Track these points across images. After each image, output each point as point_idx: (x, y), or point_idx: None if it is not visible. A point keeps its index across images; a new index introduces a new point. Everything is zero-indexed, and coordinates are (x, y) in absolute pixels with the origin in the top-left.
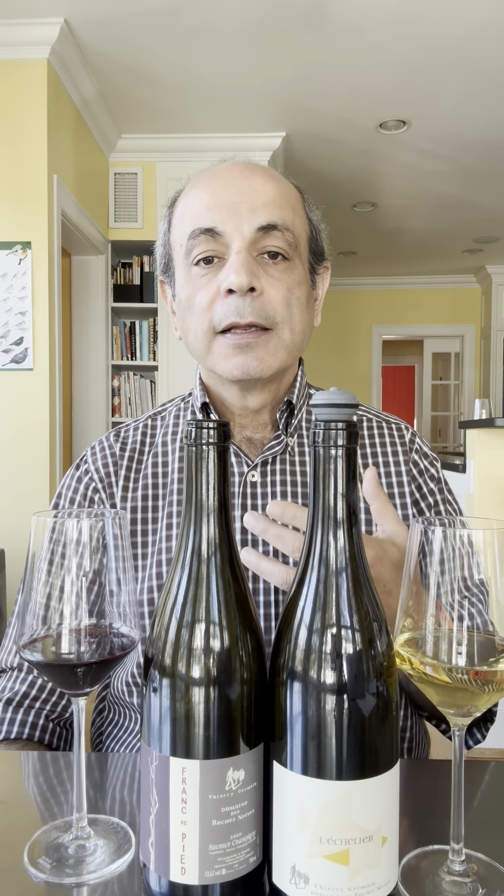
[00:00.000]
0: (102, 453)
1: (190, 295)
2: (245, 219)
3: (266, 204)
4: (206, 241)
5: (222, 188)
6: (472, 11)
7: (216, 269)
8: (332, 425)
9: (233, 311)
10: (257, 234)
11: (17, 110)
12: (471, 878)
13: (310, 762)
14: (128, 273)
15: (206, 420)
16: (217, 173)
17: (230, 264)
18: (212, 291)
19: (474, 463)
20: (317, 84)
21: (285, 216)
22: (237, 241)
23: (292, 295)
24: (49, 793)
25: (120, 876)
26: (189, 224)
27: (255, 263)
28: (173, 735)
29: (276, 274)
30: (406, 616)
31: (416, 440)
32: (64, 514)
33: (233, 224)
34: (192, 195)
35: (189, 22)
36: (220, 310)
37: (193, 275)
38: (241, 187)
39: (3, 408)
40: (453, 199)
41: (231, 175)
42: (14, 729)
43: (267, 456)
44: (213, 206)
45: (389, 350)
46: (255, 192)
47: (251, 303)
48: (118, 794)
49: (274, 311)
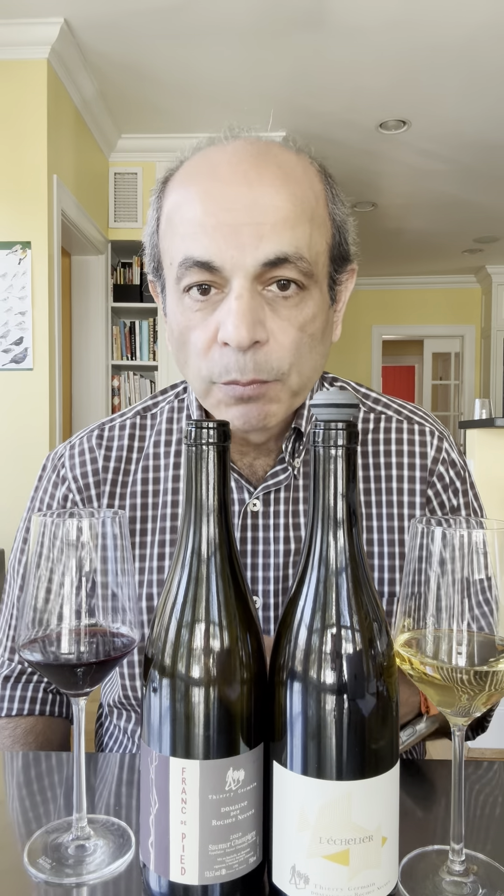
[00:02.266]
0: (82, 458)
1: (183, 330)
2: (248, 250)
3: (276, 227)
4: (199, 273)
5: (220, 202)
6: (473, 11)
7: (213, 304)
8: (332, 425)
9: (233, 366)
10: (263, 269)
11: (17, 110)
12: (471, 878)
13: (310, 762)
14: (128, 273)
15: (206, 420)
16: (216, 172)
17: (228, 311)
18: (208, 333)
19: (474, 463)
20: (317, 84)
21: (299, 240)
22: (238, 278)
23: (304, 335)
24: (49, 793)
25: (120, 876)
26: (180, 246)
27: (261, 303)
28: (173, 735)
29: (286, 313)
30: (406, 616)
31: (444, 446)
32: (64, 514)
33: (232, 257)
34: (183, 199)
35: (189, 21)
36: (218, 361)
37: (186, 306)
38: (246, 203)
39: (3, 408)
40: (453, 199)
41: (233, 180)
42: (15, 706)
43: (270, 487)
44: (209, 228)
45: (389, 350)
46: (262, 210)
47: (253, 357)
48: (118, 794)
49: (281, 361)
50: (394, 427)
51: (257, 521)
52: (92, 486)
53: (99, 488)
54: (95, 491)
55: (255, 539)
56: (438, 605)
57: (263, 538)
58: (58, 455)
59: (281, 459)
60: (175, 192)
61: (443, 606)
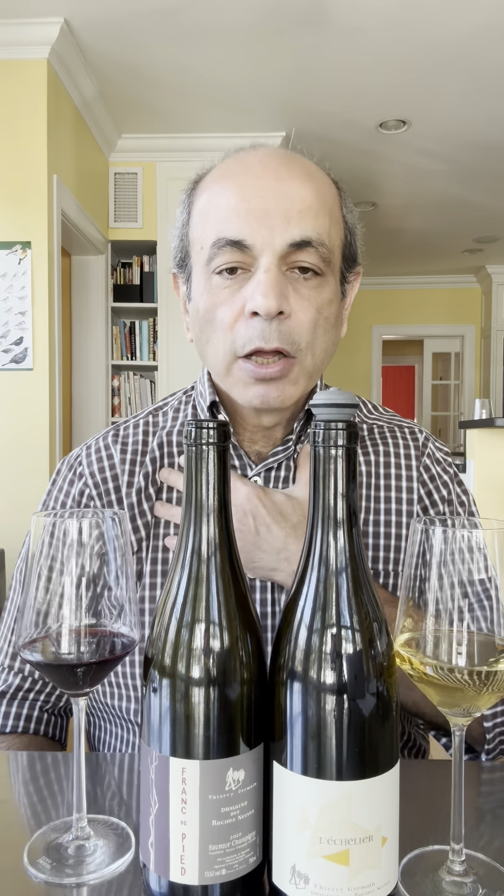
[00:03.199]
0: (98, 455)
1: (209, 307)
2: (277, 231)
3: (302, 214)
4: (231, 252)
5: (252, 191)
6: (473, 11)
7: (240, 282)
8: (332, 425)
9: (258, 335)
10: (289, 249)
11: (17, 110)
12: (471, 878)
13: (310, 762)
14: (128, 273)
15: (206, 420)
16: (248, 169)
17: (257, 283)
18: (235, 309)
19: (474, 463)
20: (317, 84)
21: (321, 228)
22: (266, 256)
23: (321, 316)
24: (49, 793)
25: (120, 876)
26: (213, 229)
27: (285, 281)
28: (173, 735)
29: (306, 293)
30: (406, 616)
31: (430, 444)
32: (64, 514)
33: (263, 236)
34: (218, 192)
35: (189, 22)
36: (243, 332)
37: (214, 285)
38: (276, 192)
39: (3, 408)
40: (453, 199)
41: (264, 175)
42: (9, 723)
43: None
44: (242, 212)
45: (389, 350)
46: (289, 198)
47: (277, 327)
48: (118, 794)
49: (300, 336)
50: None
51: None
52: (109, 479)
53: (117, 481)
54: (113, 484)
55: None
56: (438, 605)
57: None
58: (73, 456)
59: (286, 440)
60: (209, 188)
61: (443, 606)
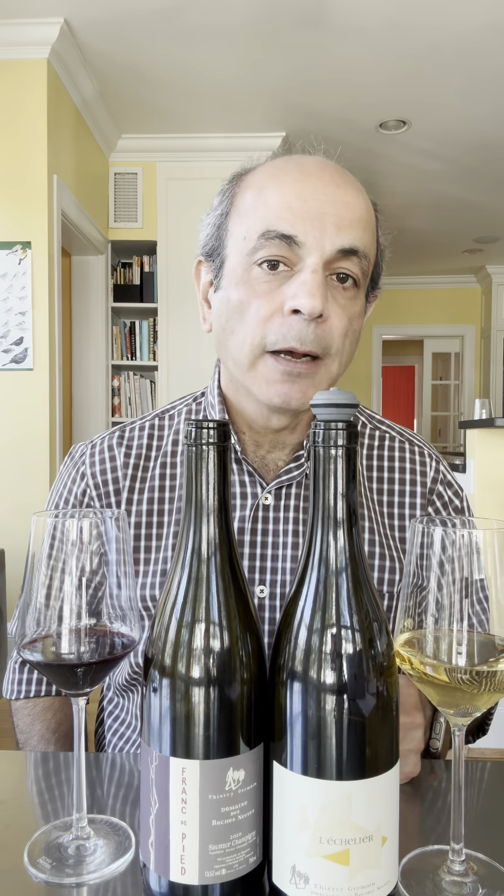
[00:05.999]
0: (101, 457)
1: (245, 299)
2: (329, 234)
3: (354, 223)
4: (278, 246)
5: (311, 192)
6: (472, 11)
7: (281, 279)
8: (332, 425)
9: (294, 335)
10: (336, 255)
11: (17, 110)
12: (471, 878)
13: (310, 762)
14: (128, 273)
15: (205, 420)
16: (306, 171)
17: (302, 282)
18: (273, 304)
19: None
20: (317, 84)
21: (367, 240)
22: (315, 256)
23: (351, 326)
24: (49, 793)
25: (120, 876)
26: (263, 221)
27: (326, 285)
28: (173, 735)
29: (343, 301)
30: (406, 616)
31: (441, 468)
32: (64, 515)
33: (315, 237)
34: (272, 187)
35: (189, 22)
36: (278, 328)
37: (253, 277)
38: (333, 196)
39: (3, 408)
40: (453, 199)
41: (322, 178)
42: (32, 688)
43: (283, 482)
44: (298, 210)
45: (389, 350)
46: (346, 205)
47: (315, 329)
48: (118, 794)
49: (333, 341)
50: (396, 446)
51: (268, 514)
52: (110, 482)
53: (118, 484)
54: (114, 487)
55: (266, 531)
56: (438, 605)
57: (273, 530)
58: (78, 452)
59: (297, 457)
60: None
61: (443, 606)
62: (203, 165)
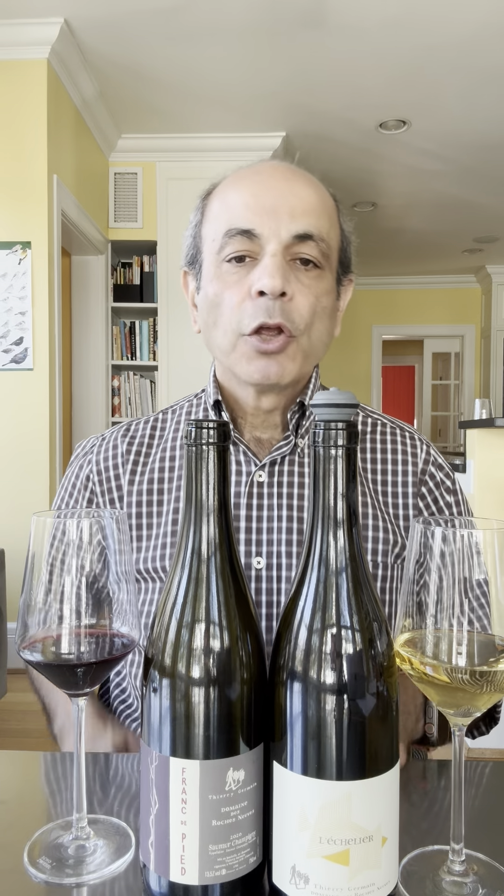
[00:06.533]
0: (106, 446)
1: (218, 291)
2: (284, 223)
3: (306, 211)
4: (241, 241)
5: (264, 190)
6: (472, 11)
7: (248, 269)
8: (332, 425)
9: (262, 310)
10: (293, 241)
11: (17, 110)
12: (471, 878)
13: (310, 762)
14: (128, 273)
15: (206, 420)
16: (259, 173)
17: (264, 266)
18: (242, 291)
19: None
20: (317, 84)
21: (322, 226)
22: (273, 243)
23: (319, 303)
24: (49, 793)
25: (120, 876)
26: (226, 222)
27: (288, 268)
28: (173, 735)
29: (307, 281)
30: (406, 616)
31: (432, 452)
32: (64, 515)
33: (270, 227)
34: (232, 192)
35: (189, 22)
36: (249, 310)
37: (224, 272)
38: (283, 190)
39: (3, 408)
40: (453, 199)
41: (273, 176)
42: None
43: (275, 456)
44: (254, 206)
45: (389, 350)
46: (296, 196)
47: (281, 306)
48: (118, 794)
49: (301, 317)
50: (388, 431)
51: (262, 491)
52: (111, 469)
53: (118, 470)
54: (114, 473)
55: (261, 506)
56: (438, 605)
57: (268, 505)
58: (89, 444)
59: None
60: (223, 191)
61: (443, 606)
62: (203, 165)
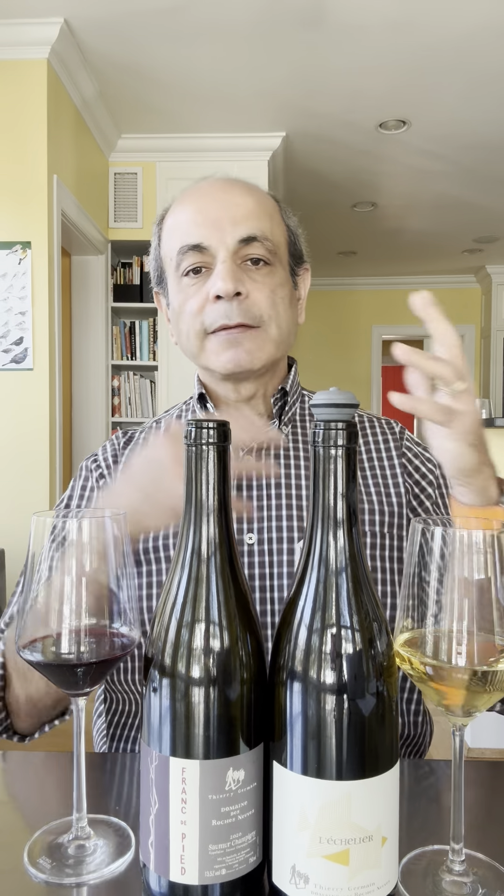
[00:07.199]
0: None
1: (182, 302)
2: (228, 232)
3: (246, 216)
4: (194, 255)
5: (206, 204)
6: (472, 11)
7: (204, 278)
8: (332, 425)
9: (222, 314)
10: (239, 245)
11: (17, 110)
12: (471, 878)
13: (310, 762)
14: (128, 273)
15: (206, 420)
16: (200, 190)
17: (217, 273)
18: (201, 298)
19: None
20: (317, 84)
21: (264, 227)
22: (222, 252)
23: (276, 295)
24: (49, 793)
25: (120, 876)
26: (178, 240)
27: (240, 270)
28: (173, 735)
29: (259, 278)
30: (406, 616)
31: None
32: (64, 514)
33: (216, 238)
34: (178, 212)
35: (189, 22)
36: (210, 314)
37: (184, 285)
38: (222, 202)
39: (3, 408)
40: (453, 199)
41: (212, 191)
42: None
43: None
44: (199, 221)
45: (389, 350)
46: (235, 205)
47: (238, 306)
48: (118, 794)
49: (260, 310)
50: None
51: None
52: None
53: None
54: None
55: (250, 486)
56: (438, 605)
57: (258, 485)
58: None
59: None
60: (172, 214)
61: (443, 606)
62: (203, 165)
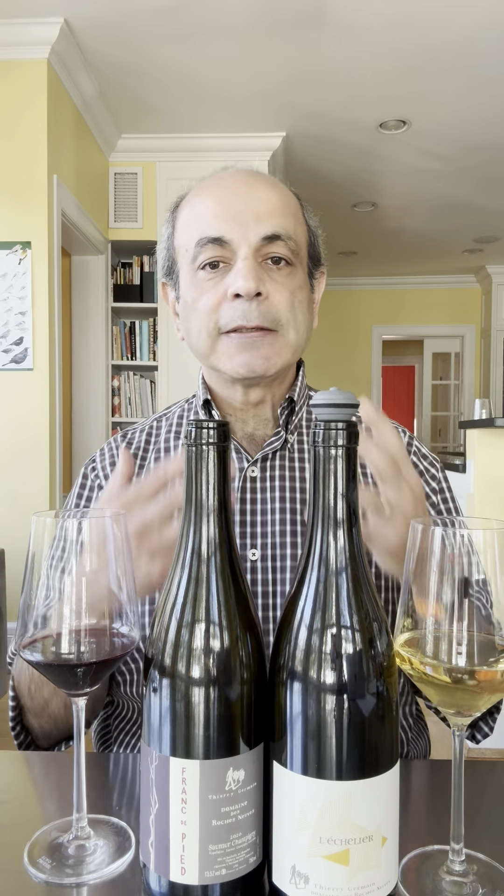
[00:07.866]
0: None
1: (195, 297)
2: (251, 227)
3: (270, 213)
4: (213, 249)
5: (228, 196)
6: (472, 12)
7: (222, 274)
8: (332, 425)
9: (239, 314)
10: (262, 242)
11: (17, 110)
12: (471, 878)
13: (310, 762)
14: (128, 273)
15: (206, 420)
16: (221, 180)
17: (238, 270)
18: (218, 295)
19: (474, 463)
20: (317, 84)
21: (288, 225)
22: (244, 248)
23: (295, 298)
24: (49, 793)
25: (120, 876)
26: (196, 231)
27: (261, 269)
28: (173, 735)
29: (280, 279)
30: (406, 616)
31: (414, 443)
32: (64, 515)
33: (239, 232)
34: (197, 202)
35: (189, 22)
36: (226, 312)
37: (199, 279)
38: (246, 196)
39: (3, 408)
40: (453, 199)
41: (235, 183)
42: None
43: (267, 451)
44: (220, 214)
45: (389, 350)
46: (259, 200)
47: (257, 307)
48: (118, 794)
49: (279, 313)
50: None
51: (255, 486)
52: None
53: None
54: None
55: (254, 500)
56: (438, 605)
57: (261, 499)
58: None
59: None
60: (190, 202)
61: (443, 606)
62: (203, 165)
